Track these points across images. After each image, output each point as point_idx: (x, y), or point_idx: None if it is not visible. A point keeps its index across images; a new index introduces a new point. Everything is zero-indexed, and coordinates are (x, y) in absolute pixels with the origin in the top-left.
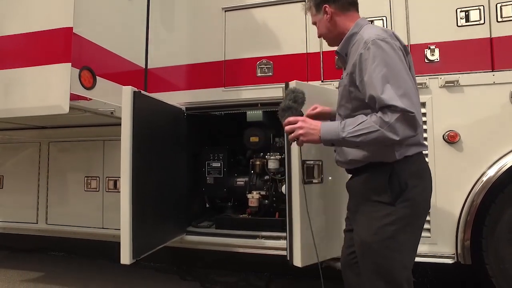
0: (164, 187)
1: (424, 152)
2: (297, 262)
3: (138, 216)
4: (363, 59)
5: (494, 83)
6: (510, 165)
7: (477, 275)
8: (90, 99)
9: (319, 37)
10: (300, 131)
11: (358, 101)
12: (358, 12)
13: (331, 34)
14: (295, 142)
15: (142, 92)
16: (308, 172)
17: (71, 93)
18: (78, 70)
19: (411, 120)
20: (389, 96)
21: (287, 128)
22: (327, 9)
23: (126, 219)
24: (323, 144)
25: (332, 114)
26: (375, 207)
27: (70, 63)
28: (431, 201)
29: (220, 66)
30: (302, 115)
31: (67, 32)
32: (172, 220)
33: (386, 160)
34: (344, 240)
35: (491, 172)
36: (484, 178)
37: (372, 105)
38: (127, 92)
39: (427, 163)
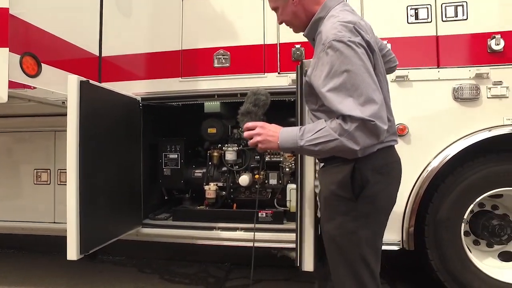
0: (117, 179)
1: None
2: (309, 267)
3: (86, 209)
4: (320, 64)
5: (439, 79)
6: (451, 156)
7: (419, 260)
8: (35, 87)
9: (280, 23)
10: (258, 138)
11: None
12: None
13: (298, 20)
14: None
15: (91, 81)
16: None
17: (10, 81)
18: (18, 56)
19: (372, 128)
20: (348, 107)
21: (245, 134)
22: None
23: (72, 213)
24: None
25: None
26: (338, 201)
27: (8, 48)
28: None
29: (177, 55)
30: (262, 119)
31: (3, 13)
32: (126, 213)
33: (348, 157)
34: None
35: (434, 163)
36: (429, 168)
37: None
38: (73, 81)
39: (396, 157)
